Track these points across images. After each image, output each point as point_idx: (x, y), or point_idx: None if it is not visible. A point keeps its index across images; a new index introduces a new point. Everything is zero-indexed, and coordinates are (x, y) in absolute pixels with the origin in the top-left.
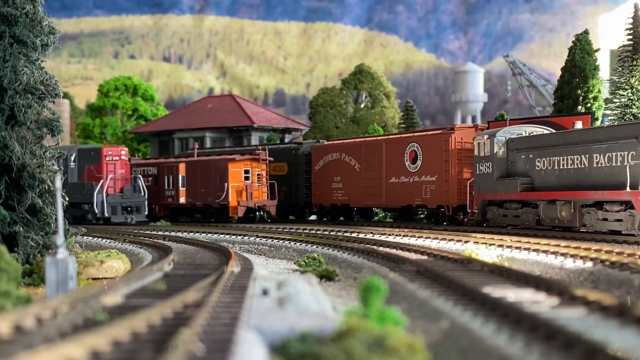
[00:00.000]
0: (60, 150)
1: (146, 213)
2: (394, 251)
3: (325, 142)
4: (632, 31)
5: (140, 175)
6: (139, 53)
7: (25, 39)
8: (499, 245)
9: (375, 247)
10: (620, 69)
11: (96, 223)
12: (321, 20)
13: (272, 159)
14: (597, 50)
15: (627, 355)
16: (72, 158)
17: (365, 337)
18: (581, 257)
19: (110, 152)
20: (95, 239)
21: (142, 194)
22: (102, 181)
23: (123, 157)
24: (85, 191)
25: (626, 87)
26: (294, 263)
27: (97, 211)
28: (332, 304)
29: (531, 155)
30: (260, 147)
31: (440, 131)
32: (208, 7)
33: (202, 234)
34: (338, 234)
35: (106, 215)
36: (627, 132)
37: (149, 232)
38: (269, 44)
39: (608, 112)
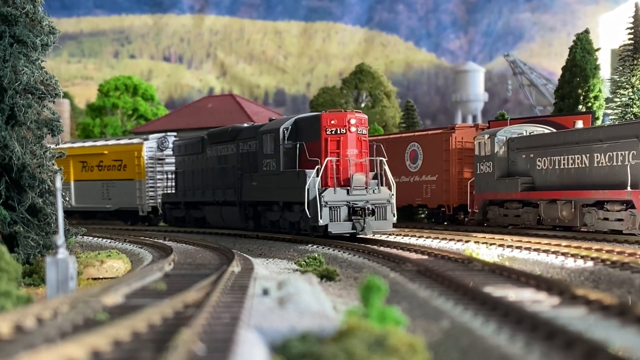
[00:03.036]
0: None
1: (395, 219)
2: (394, 251)
3: None
4: (633, 30)
5: (384, 159)
6: (139, 53)
7: (25, 39)
8: (500, 245)
9: (375, 246)
10: (621, 68)
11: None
12: (321, 20)
13: None
14: (597, 50)
15: (628, 354)
16: (287, 133)
17: (366, 336)
18: (582, 257)
19: (333, 122)
20: (96, 238)
21: (389, 188)
22: (317, 167)
23: (353, 129)
24: (297, 184)
25: (627, 86)
26: (295, 263)
27: (309, 215)
28: (332, 303)
29: (532, 155)
30: None
31: (441, 131)
32: (208, 6)
33: (203, 234)
34: None
35: (321, 222)
36: (627, 131)
37: (149, 232)
38: (269, 43)
39: (609, 111)
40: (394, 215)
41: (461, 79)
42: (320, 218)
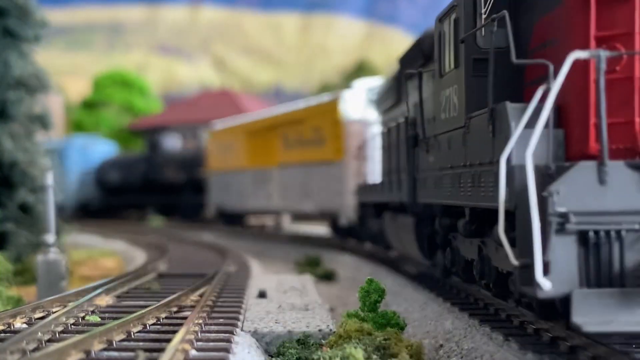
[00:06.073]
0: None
1: None
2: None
3: None
4: None
5: None
6: (133, 45)
7: (17, 31)
8: None
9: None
10: None
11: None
12: (321, 12)
13: None
14: None
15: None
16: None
17: (364, 340)
18: None
19: None
20: (89, 237)
21: None
22: (539, 90)
23: None
24: (489, 156)
25: None
26: (293, 263)
27: (513, 260)
28: (331, 305)
29: None
30: None
31: None
32: None
33: (201, 234)
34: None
35: (544, 285)
36: None
37: (145, 231)
38: (267, 36)
39: None
40: None
41: None
42: (545, 274)
